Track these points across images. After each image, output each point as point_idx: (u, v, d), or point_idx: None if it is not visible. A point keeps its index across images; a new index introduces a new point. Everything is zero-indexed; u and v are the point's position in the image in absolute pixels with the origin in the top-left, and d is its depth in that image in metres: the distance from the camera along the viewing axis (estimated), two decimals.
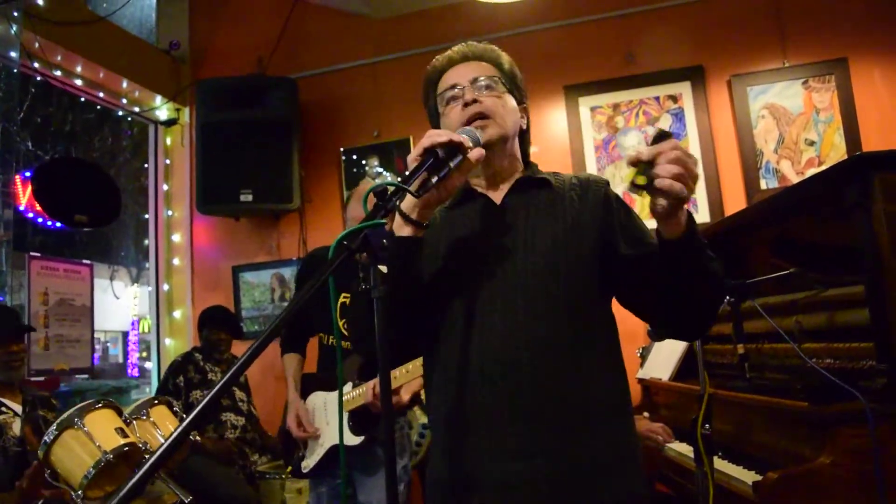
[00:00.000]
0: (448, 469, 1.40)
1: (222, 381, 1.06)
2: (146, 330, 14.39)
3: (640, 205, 3.74)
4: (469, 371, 1.37)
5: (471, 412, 1.36)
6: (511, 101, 1.50)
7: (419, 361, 2.55)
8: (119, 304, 14.76)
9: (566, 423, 1.32)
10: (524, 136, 1.59)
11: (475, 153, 1.33)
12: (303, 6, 4.84)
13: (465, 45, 1.58)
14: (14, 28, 3.76)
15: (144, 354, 14.56)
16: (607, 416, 1.37)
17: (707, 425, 1.83)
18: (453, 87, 1.50)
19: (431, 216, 1.39)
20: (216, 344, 4.10)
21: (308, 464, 2.78)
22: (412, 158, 1.29)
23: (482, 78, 1.49)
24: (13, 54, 3.86)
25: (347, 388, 2.70)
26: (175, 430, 1.00)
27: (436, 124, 1.55)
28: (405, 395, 2.63)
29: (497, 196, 1.50)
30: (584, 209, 1.44)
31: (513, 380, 1.33)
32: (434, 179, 1.29)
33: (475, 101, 1.44)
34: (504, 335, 1.35)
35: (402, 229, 1.35)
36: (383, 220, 1.20)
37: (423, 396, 3.36)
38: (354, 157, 4.71)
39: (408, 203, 1.34)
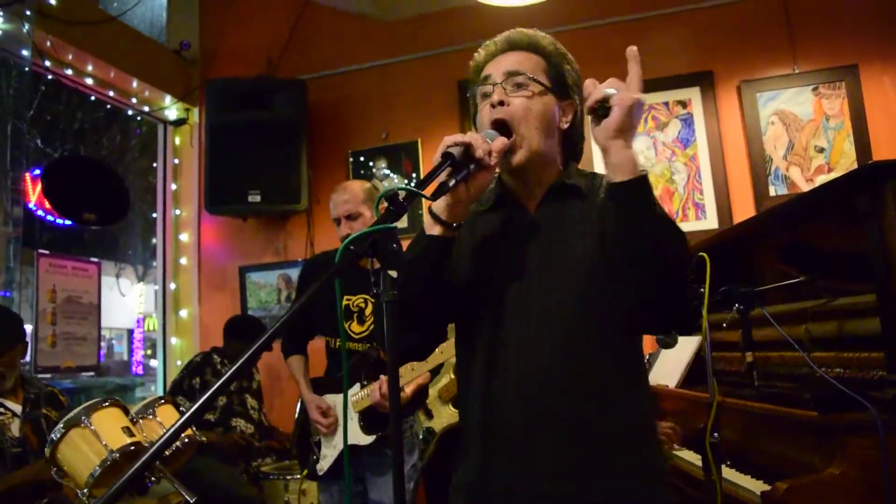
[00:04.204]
0: (475, 477, 1.41)
1: (229, 373, 1.06)
2: (151, 328, 14.43)
3: None
4: (499, 387, 1.38)
5: (499, 427, 1.37)
6: (545, 102, 1.43)
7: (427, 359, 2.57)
8: (124, 301, 14.81)
9: (592, 447, 1.33)
10: (571, 132, 1.51)
11: (497, 144, 1.34)
12: (312, 8, 4.85)
13: (510, 32, 1.51)
14: (26, 27, 3.78)
15: (149, 352, 14.59)
16: (635, 441, 1.36)
17: (716, 434, 1.82)
18: (486, 79, 1.46)
19: (463, 216, 1.38)
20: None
21: (322, 466, 2.80)
22: (434, 160, 1.31)
23: (516, 73, 1.43)
24: (25, 53, 3.89)
25: (355, 388, 2.72)
26: (175, 422, 1.00)
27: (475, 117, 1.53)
28: (408, 390, 2.68)
29: (532, 204, 1.47)
30: (607, 218, 1.37)
31: (541, 401, 1.34)
32: (451, 182, 1.30)
33: (502, 102, 1.41)
34: (537, 357, 1.35)
35: (431, 229, 1.37)
36: (393, 225, 1.19)
37: (430, 394, 3.39)
38: (362, 158, 4.71)
39: (438, 204, 1.35)
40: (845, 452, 1.76)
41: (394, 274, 1.19)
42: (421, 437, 3.42)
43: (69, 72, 4.29)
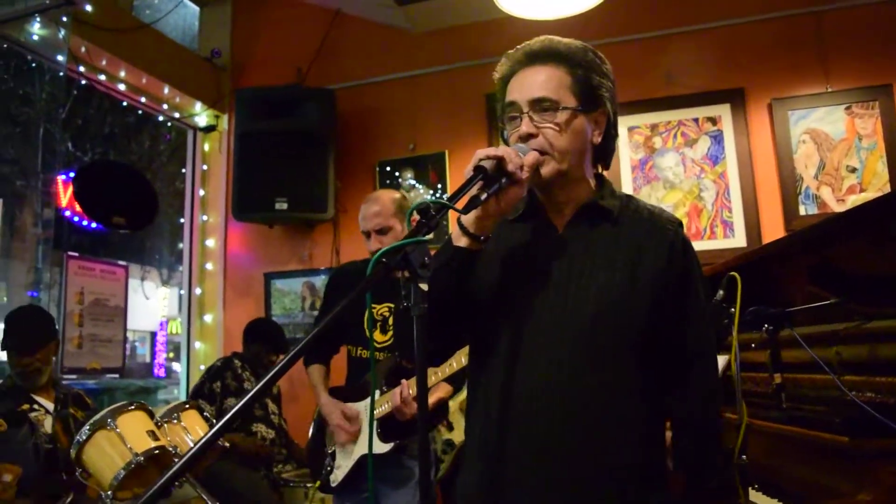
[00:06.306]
0: (480, 490, 1.40)
1: (254, 391, 1.07)
2: (174, 331, 14.55)
3: None
4: (506, 403, 1.38)
5: (507, 441, 1.37)
6: (575, 127, 1.41)
7: (445, 367, 2.55)
8: (148, 304, 14.95)
9: (588, 473, 1.34)
10: (603, 146, 1.48)
11: (530, 158, 1.34)
12: (342, 18, 4.89)
13: (529, 43, 1.48)
14: (62, 32, 3.85)
15: (171, 355, 14.70)
16: (634, 484, 1.36)
17: (744, 456, 1.79)
18: (512, 105, 1.43)
19: (491, 229, 1.37)
20: (263, 363, 4.12)
21: (337, 476, 2.76)
22: (465, 173, 1.30)
23: (542, 100, 1.40)
24: (60, 58, 3.96)
25: (375, 395, 2.70)
26: (204, 435, 1.00)
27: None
28: (429, 400, 2.63)
29: (560, 221, 1.46)
30: (645, 257, 1.39)
31: (544, 422, 1.34)
32: (483, 196, 1.29)
33: (531, 135, 1.39)
34: (545, 378, 1.36)
35: (459, 240, 1.37)
36: (424, 238, 1.20)
37: (451, 405, 3.37)
38: (389, 168, 4.72)
39: (467, 216, 1.34)
40: (876, 479, 1.73)
41: (425, 287, 1.19)
42: (441, 450, 3.41)
43: (102, 77, 4.36)
